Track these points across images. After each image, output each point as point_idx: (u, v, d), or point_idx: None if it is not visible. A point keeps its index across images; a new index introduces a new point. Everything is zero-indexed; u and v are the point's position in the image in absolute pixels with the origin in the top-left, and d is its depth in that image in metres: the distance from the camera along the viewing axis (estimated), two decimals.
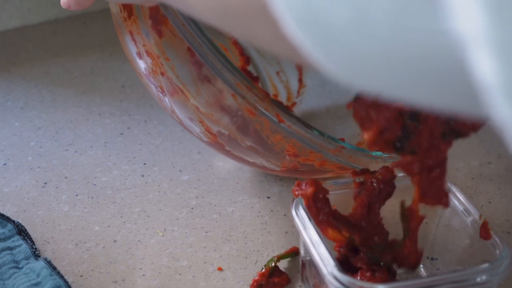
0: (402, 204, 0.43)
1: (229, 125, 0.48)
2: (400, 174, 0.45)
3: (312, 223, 0.41)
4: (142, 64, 0.50)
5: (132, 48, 0.50)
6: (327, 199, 0.42)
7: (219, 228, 0.51)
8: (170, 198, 0.54)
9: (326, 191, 0.42)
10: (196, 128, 0.50)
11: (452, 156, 0.60)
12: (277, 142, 0.47)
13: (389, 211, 0.46)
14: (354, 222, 0.44)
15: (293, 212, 0.42)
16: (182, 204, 0.53)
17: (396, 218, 0.44)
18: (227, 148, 0.50)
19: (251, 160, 0.50)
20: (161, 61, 0.48)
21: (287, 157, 0.48)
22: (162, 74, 0.49)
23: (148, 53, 0.49)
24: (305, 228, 0.41)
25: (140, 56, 0.50)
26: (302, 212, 0.42)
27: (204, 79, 0.47)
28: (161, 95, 0.50)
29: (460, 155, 0.60)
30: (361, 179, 0.44)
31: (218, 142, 0.50)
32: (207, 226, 0.51)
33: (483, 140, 0.62)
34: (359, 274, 0.41)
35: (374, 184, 0.43)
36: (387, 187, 0.44)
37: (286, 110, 0.46)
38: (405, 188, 0.45)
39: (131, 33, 0.49)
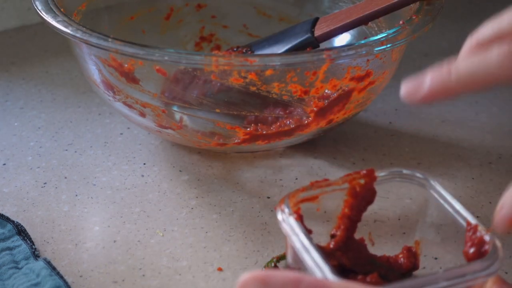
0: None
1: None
2: (380, 174, 0.44)
3: (301, 228, 0.39)
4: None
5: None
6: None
7: (219, 228, 0.51)
8: (170, 198, 0.54)
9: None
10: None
11: (452, 156, 0.60)
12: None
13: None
14: (337, 247, 0.43)
15: (280, 217, 0.40)
16: (182, 204, 0.53)
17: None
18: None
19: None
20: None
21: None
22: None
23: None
24: (294, 234, 0.39)
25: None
26: (289, 217, 0.40)
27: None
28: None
29: (460, 155, 0.60)
30: (345, 185, 0.43)
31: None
32: (207, 226, 0.51)
33: (484, 140, 0.62)
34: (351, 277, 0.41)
35: (357, 189, 0.43)
36: (370, 192, 0.43)
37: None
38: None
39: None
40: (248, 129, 0.54)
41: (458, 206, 0.42)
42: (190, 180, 0.56)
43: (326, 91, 0.52)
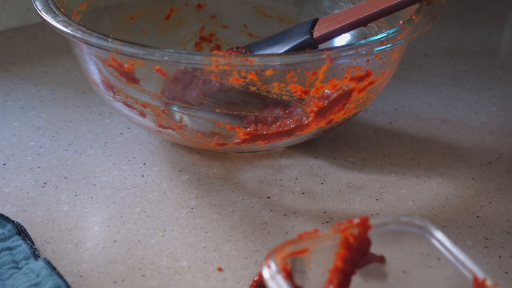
0: None
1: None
2: (374, 221, 0.40)
3: (290, 287, 0.36)
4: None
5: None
6: None
7: (219, 228, 0.51)
8: (170, 198, 0.54)
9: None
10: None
11: (452, 156, 0.60)
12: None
13: None
14: None
15: (266, 275, 0.37)
16: (182, 204, 0.53)
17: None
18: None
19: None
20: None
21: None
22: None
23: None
24: None
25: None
26: (276, 274, 0.37)
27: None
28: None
29: (460, 155, 0.60)
30: (338, 236, 0.40)
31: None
32: (207, 226, 0.51)
33: (484, 140, 0.62)
34: None
35: (351, 240, 0.40)
36: (364, 243, 0.40)
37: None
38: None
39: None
40: (248, 129, 0.54)
41: (462, 257, 0.38)
42: (190, 180, 0.56)
43: (326, 91, 0.52)
